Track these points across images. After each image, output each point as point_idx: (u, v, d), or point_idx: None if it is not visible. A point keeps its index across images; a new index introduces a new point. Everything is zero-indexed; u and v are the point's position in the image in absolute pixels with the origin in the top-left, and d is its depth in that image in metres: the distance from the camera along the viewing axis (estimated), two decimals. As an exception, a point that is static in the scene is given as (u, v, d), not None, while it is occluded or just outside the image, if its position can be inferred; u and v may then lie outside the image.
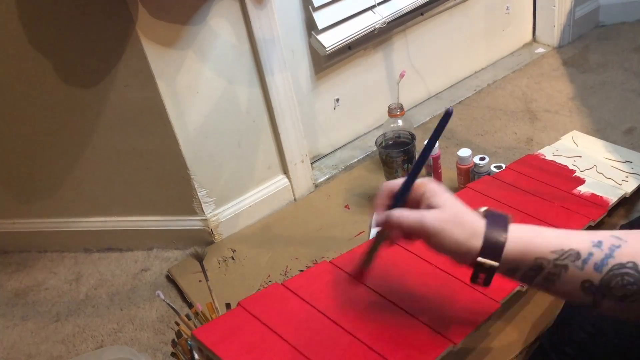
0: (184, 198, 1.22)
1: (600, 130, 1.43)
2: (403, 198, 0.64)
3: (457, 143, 1.48)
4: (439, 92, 1.74)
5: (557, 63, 1.79)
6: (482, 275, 0.59)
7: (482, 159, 1.20)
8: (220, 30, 1.11)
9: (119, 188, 1.25)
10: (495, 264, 0.57)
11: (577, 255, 0.54)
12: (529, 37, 1.93)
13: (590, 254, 0.54)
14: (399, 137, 1.22)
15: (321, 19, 1.30)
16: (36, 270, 1.34)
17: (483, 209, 0.62)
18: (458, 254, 0.59)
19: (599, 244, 0.54)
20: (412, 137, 1.20)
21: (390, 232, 0.65)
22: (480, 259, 0.58)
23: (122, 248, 1.34)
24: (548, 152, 1.24)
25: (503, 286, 0.80)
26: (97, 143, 1.19)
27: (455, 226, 0.59)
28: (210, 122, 1.17)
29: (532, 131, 1.49)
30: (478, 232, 0.58)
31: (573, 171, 1.17)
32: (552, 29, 1.86)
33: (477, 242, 0.58)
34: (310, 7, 1.29)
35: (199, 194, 1.21)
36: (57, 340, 1.13)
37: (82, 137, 1.19)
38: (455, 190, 1.29)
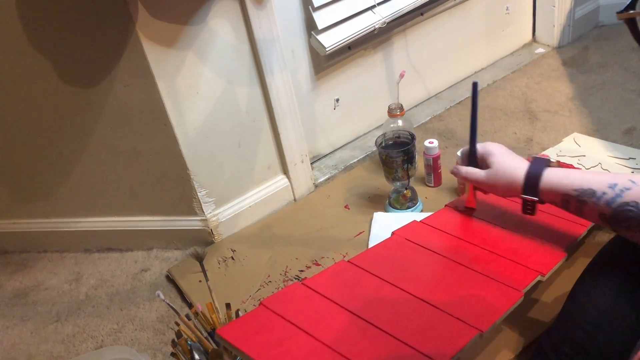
0: (183, 198, 1.22)
1: (600, 130, 1.43)
2: (472, 159, 0.90)
3: (457, 143, 1.48)
4: (439, 92, 1.74)
5: (557, 63, 1.79)
6: (528, 207, 0.82)
7: (482, 159, 1.20)
8: (220, 30, 1.11)
9: (119, 188, 1.25)
10: (535, 199, 0.80)
11: (593, 193, 0.73)
12: (529, 37, 1.93)
13: (604, 193, 0.71)
14: (398, 137, 1.22)
15: (321, 19, 1.31)
16: (36, 271, 1.34)
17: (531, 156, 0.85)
18: (508, 195, 0.85)
19: (613, 186, 0.71)
20: (412, 137, 1.20)
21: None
22: (523, 196, 0.81)
23: (122, 248, 1.34)
24: (552, 153, 1.25)
25: (524, 276, 0.80)
26: (98, 143, 1.19)
27: (500, 179, 0.83)
28: (210, 122, 1.17)
29: (532, 131, 1.49)
30: (517, 179, 0.81)
31: (579, 169, 1.17)
32: (552, 29, 1.86)
33: (519, 186, 0.81)
34: (310, 7, 1.29)
35: (198, 194, 1.21)
36: (57, 341, 1.13)
37: (82, 137, 1.19)
38: (455, 191, 1.29)
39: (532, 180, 0.79)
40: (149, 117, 1.12)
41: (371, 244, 1.16)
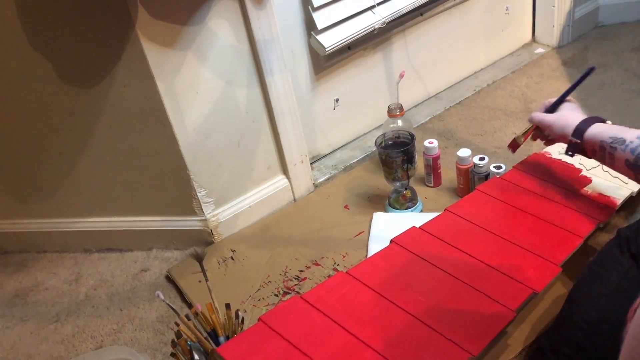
0: (183, 198, 1.22)
1: (599, 131, 1.43)
2: (553, 108, 1.08)
3: (457, 143, 1.48)
4: (439, 92, 1.74)
5: (557, 63, 1.80)
6: (571, 148, 0.99)
7: (481, 159, 1.20)
8: (219, 30, 1.11)
9: (119, 188, 1.25)
10: (578, 140, 0.96)
11: (623, 141, 0.88)
12: (529, 37, 1.93)
13: (631, 142, 0.87)
14: (398, 137, 1.22)
15: (321, 19, 1.31)
16: (36, 271, 1.34)
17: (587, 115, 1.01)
18: (561, 136, 1.01)
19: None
20: (412, 137, 1.20)
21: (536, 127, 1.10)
22: (570, 137, 0.98)
23: (121, 248, 1.34)
24: (554, 151, 1.25)
25: (518, 293, 0.80)
26: (97, 143, 1.19)
27: (559, 121, 1.02)
28: (210, 122, 1.17)
29: (532, 131, 1.48)
30: (571, 125, 0.98)
31: (579, 170, 1.17)
32: (552, 29, 1.86)
33: (570, 129, 0.98)
34: (309, 7, 1.29)
35: (198, 194, 1.21)
36: (56, 341, 1.13)
37: (82, 137, 1.19)
38: (455, 191, 1.29)
39: (582, 125, 0.96)
40: (148, 117, 1.12)
41: (371, 244, 1.16)
